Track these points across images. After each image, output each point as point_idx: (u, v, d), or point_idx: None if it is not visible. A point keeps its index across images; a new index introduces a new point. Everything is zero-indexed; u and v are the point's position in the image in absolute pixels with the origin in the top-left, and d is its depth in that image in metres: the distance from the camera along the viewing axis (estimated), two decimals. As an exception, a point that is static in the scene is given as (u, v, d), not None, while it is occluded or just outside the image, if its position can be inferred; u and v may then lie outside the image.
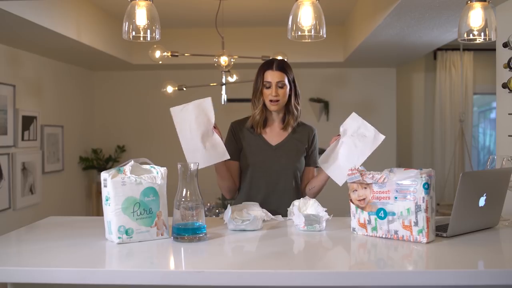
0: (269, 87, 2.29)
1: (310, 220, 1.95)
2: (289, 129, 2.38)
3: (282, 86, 2.29)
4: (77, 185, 5.85)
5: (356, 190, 1.83)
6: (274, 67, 2.30)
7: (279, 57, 3.89)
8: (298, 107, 2.39)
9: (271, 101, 2.30)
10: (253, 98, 2.37)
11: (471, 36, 2.04)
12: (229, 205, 2.11)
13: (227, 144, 2.33)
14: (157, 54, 3.78)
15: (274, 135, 2.38)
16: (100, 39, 4.74)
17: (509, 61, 2.84)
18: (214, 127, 2.18)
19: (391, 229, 1.73)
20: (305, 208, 2.08)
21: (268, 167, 2.34)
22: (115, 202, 1.70)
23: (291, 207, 2.10)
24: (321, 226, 1.91)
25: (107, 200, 1.72)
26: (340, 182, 2.18)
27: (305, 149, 2.39)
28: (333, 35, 5.37)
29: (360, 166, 1.86)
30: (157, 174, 1.79)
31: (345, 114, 2.01)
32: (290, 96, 2.34)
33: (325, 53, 5.58)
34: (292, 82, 2.34)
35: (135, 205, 1.72)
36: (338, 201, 2.35)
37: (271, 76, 2.29)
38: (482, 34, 2.02)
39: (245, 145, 2.37)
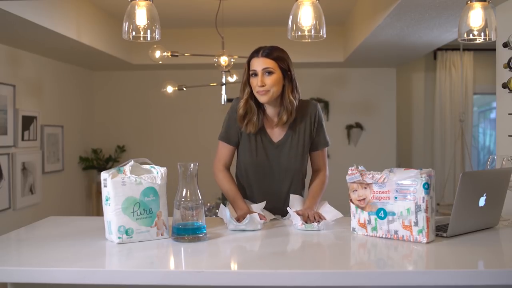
0: (256, 76, 2.05)
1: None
2: (285, 126, 2.15)
3: (270, 72, 2.03)
4: (77, 185, 5.85)
5: (356, 190, 1.83)
6: (260, 54, 2.05)
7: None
8: (295, 102, 2.10)
9: (258, 92, 2.06)
10: (240, 91, 2.14)
11: (471, 36, 2.04)
12: (222, 205, 2.10)
13: (230, 125, 2.16)
14: (157, 54, 3.77)
15: (275, 130, 2.17)
16: (100, 39, 4.74)
17: (509, 61, 2.84)
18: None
19: (391, 229, 1.73)
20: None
21: (270, 166, 2.17)
22: (115, 202, 1.70)
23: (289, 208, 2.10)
24: (319, 225, 1.90)
25: (107, 200, 1.73)
26: (338, 215, 2.04)
27: (310, 134, 2.18)
28: (333, 35, 5.38)
29: (360, 166, 1.86)
30: (157, 174, 1.79)
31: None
32: (284, 87, 2.09)
33: (325, 53, 5.59)
34: (287, 71, 2.08)
35: (135, 205, 1.72)
36: (338, 201, 2.34)
37: (257, 63, 2.05)
38: (482, 34, 2.02)
39: (246, 139, 2.17)
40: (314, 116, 2.17)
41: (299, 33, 1.96)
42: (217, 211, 4.37)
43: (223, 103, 4.17)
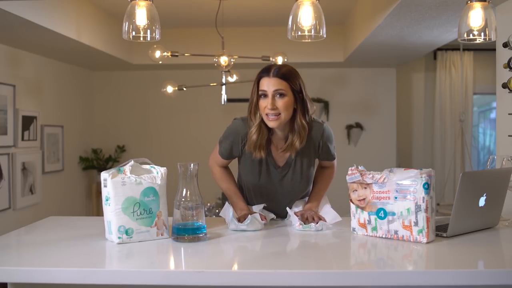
0: (265, 97, 1.92)
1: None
2: (293, 152, 2.01)
3: (282, 95, 1.90)
4: (77, 185, 5.85)
5: (356, 190, 1.83)
6: (272, 73, 1.91)
7: (279, 58, 3.88)
8: (306, 126, 1.97)
9: (267, 115, 1.91)
10: (248, 113, 1.99)
11: (471, 36, 2.04)
12: (227, 203, 2.10)
13: (233, 146, 2.05)
14: (157, 54, 3.77)
15: (280, 154, 2.05)
16: (100, 39, 4.74)
17: (509, 61, 2.84)
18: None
19: (391, 229, 1.73)
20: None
21: (274, 188, 2.09)
22: (115, 202, 1.70)
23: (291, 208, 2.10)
24: (317, 226, 1.90)
25: (107, 200, 1.73)
26: (337, 218, 1.99)
27: (315, 156, 2.10)
28: (333, 35, 5.37)
29: (360, 166, 1.86)
30: (157, 174, 1.79)
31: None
32: (295, 110, 1.95)
33: (325, 53, 5.58)
34: (299, 93, 1.95)
35: (135, 205, 1.72)
36: (338, 201, 2.34)
37: (267, 83, 1.90)
38: (482, 34, 2.02)
39: (249, 160, 2.05)
40: (319, 142, 2.06)
41: (299, 33, 1.96)
42: (217, 211, 4.39)
43: (223, 103, 4.17)
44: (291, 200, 2.16)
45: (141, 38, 2.04)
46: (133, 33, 2.01)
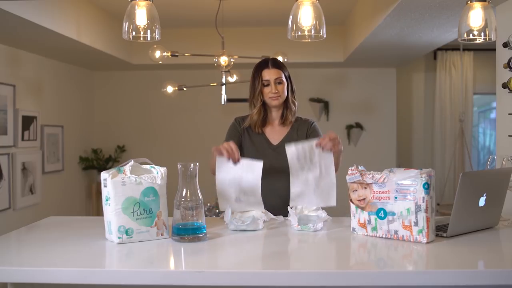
0: (268, 85, 2.36)
1: (303, 220, 1.95)
2: (288, 125, 2.43)
3: (280, 82, 2.37)
4: (77, 185, 5.85)
5: (356, 190, 1.83)
6: (270, 65, 2.37)
7: (279, 57, 3.88)
8: (296, 102, 2.46)
9: (271, 97, 2.37)
10: (251, 99, 2.43)
11: (471, 36, 2.04)
12: (228, 205, 2.11)
13: (231, 132, 2.44)
14: (157, 54, 3.77)
15: (275, 133, 2.43)
16: (100, 39, 4.74)
17: (509, 61, 2.84)
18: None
19: (391, 229, 1.73)
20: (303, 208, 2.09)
21: (270, 166, 2.30)
22: (115, 202, 1.70)
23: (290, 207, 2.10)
24: (315, 226, 1.90)
25: (107, 200, 1.73)
26: (332, 202, 2.11)
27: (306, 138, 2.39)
28: (333, 35, 5.37)
29: (360, 166, 1.86)
30: (157, 174, 1.79)
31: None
32: (287, 92, 2.42)
33: (325, 53, 5.58)
34: (288, 79, 2.42)
35: (135, 205, 1.72)
36: (338, 201, 2.34)
37: (269, 74, 2.36)
38: (482, 34, 2.02)
39: (247, 143, 2.41)
40: (310, 126, 2.45)
41: (299, 33, 1.96)
42: (217, 211, 4.38)
43: (223, 103, 4.17)
44: (285, 180, 2.23)
45: (141, 38, 2.04)
46: (133, 33, 2.01)
